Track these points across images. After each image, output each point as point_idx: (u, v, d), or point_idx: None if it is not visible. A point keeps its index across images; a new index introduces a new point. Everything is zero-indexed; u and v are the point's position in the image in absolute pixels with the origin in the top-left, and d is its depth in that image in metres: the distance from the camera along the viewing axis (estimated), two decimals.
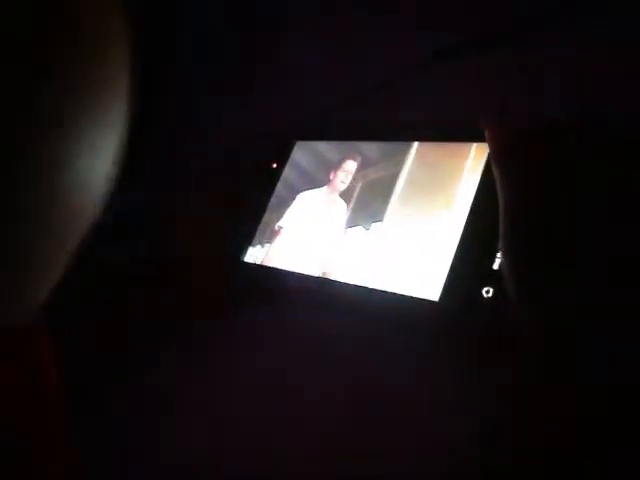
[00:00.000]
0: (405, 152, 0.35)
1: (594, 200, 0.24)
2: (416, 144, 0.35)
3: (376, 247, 0.34)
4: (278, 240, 0.38)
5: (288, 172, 0.40)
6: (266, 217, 0.39)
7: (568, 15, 0.27)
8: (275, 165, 0.40)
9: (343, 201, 0.37)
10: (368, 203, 0.36)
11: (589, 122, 0.25)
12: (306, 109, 0.40)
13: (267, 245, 0.38)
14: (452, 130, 0.33)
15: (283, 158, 0.40)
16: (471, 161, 0.32)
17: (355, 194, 0.37)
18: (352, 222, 0.36)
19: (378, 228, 0.34)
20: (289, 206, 0.39)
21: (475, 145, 0.32)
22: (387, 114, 0.35)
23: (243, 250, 0.39)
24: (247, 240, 0.39)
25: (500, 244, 0.27)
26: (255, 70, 0.43)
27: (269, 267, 0.37)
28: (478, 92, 0.30)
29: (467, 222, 0.31)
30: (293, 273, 0.36)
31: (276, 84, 0.42)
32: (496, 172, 0.27)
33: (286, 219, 0.39)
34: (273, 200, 0.40)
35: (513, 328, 0.27)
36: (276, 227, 0.39)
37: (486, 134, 0.28)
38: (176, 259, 0.41)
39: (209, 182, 0.43)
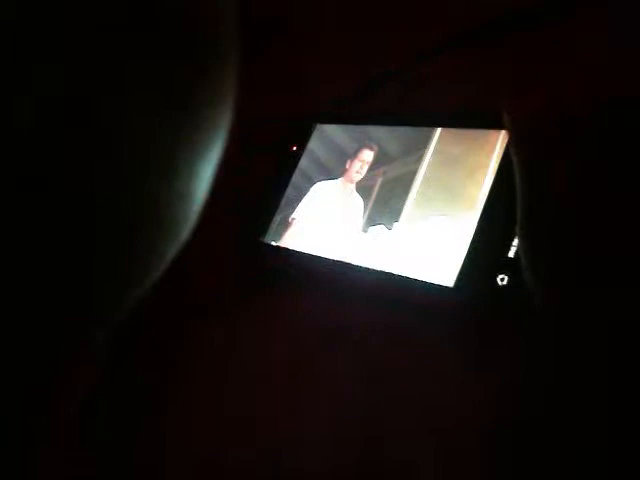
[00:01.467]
0: (426, 143, 0.35)
1: (613, 188, 0.24)
2: (438, 133, 0.35)
3: (393, 232, 0.34)
4: (293, 228, 0.39)
5: (304, 161, 0.40)
6: (284, 201, 0.40)
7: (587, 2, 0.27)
8: (295, 148, 0.41)
9: (360, 197, 0.37)
10: (389, 200, 0.36)
11: (609, 108, 0.25)
12: (326, 93, 0.40)
13: (284, 229, 0.39)
14: (476, 116, 0.33)
15: (302, 141, 0.41)
16: (498, 152, 0.32)
17: (375, 191, 0.37)
18: (373, 220, 0.36)
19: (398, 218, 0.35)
20: (305, 195, 0.39)
21: (503, 133, 0.32)
22: (408, 99, 0.35)
23: (262, 232, 0.39)
24: (266, 222, 0.39)
25: (517, 231, 0.27)
26: (275, 54, 0.43)
27: (287, 248, 0.38)
28: (499, 77, 0.30)
29: (484, 209, 0.31)
30: (310, 255, 0.36)
31: (296, 67, 0.42)
32: (515, 159, 0.27)
33: (302, 209, 0.39)
34: (290, 185, 0.40)
35: (527, 316, 0.27)
36: (290, 218, 0.39)
37: (505, 120, 0.28)
38: (194, 241, 0.41)
39: (228, 165, 0.44)
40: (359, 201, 0.37)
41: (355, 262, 0.34)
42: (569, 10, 0.29)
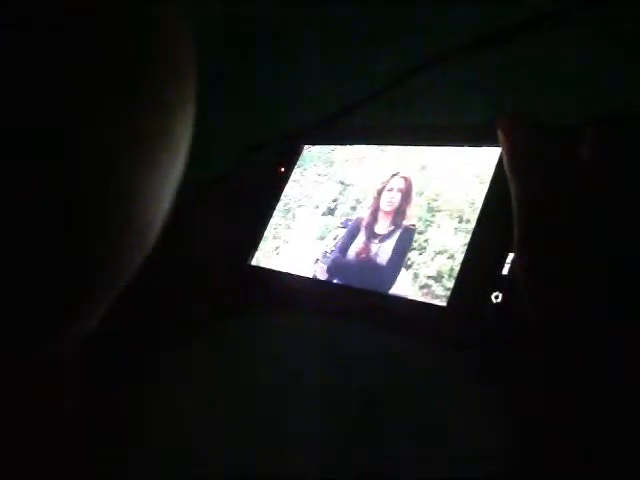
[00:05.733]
0: (416, 162, 0.35)
1: (610, 202, 0.24)
2: (429, 151, 0.34)
3: (384, 251, 0.33)
4: (281, 249, 0.38)
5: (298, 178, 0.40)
6: (273, 221, 0.39)
7: (580, 11, 0.27)
8: (283, 169, 0.40)
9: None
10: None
11: (603, 123, 0.25)
12: (315, 113, 0.40)
13: (273, 249, 0.38)
14: (467, 133, 0.33)
15: (291, 162, 0.40)
16: (490, 169, 0.31)
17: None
18: (362, 239, 0.35)
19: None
20: (292, 216, 0.39)
21: (494, 150, 0.31)
22: (397, 117, 0.35)
23: (249, 254, 0.39)
24: (253, 244, 0.39)
25: (514, 248, 0.26)
26: (262, 74, 0.44)
27: (274, 270, 0.37)
28: (489, 93, 0.30)
29: (476, 226, 0.30)
30: (299, 276, 0.36)
31: (284, 88, 0.42)
32: (510, 175, 0.27)
33: (289, 230, 0.38)
34: (281, 203, 0.40)
35: (523, 333, 0.27)
36: (278, 240, 0.38)
37: (499, 136, 0.28)
38: (182, 262, 0.40)
39: (217, 186, 0.43)
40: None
41: (346, 283, 0.33)
42: (556, 25, 0.29)
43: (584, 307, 0.24)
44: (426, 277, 0.31)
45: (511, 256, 0.29)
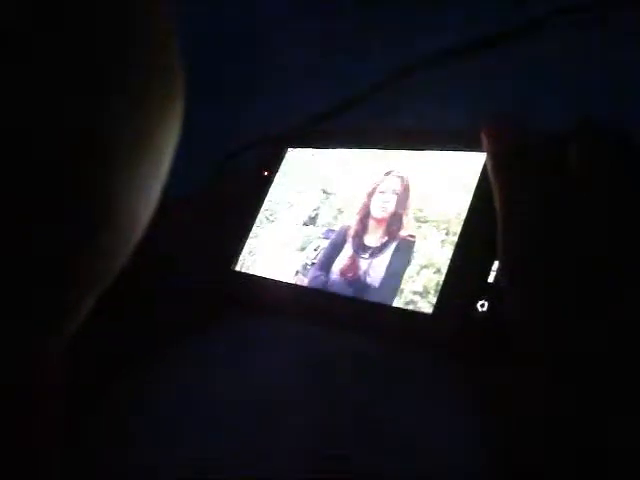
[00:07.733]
0: (401, 166, 0.34)
1: (594, 207, 0.24)
2: (414, 156, 0.34)
3: (376, 268, 0.33)
4: (268, 249, 0.37)
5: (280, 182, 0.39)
6: (256, 227, 0.39)
7: (566, 20, 0.27)
8: (266, 173, 0.40)
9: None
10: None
11: (588, 132, 0.25)
12: (299, 116, 0.40)
13: (257, 254, 0.37)
14: (451, 138, 0.32)
15: (274, 166, 0.40)
16: (475, 175, 0.30)
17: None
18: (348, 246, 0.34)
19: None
20: (279, 216, 0.38)
21: (479, 155, 0.30)
22: (385, 121, 0.35)
23: (233, 259, 0.38)
24: (237, 249, 0.38)
25: (498, 255, 0.26)
26: (246, 76, 0.43)
27: (258, 276, 0.36)
28: (476, 99, 0.30)
29: (462, 233, 0.30)
30: (283, 283, 0.35)
31: (268, 90, 0.42)
32: (494, 181, 0.27)
33: (273, 235, 0.38)
34: (264, 208, 0.39)
35: (508, 342, 0.27)
36: (263, 239, 0.38)
37: (484, 142, 0.28)
38: (165, 268, 0.40)
39: (200, 190, 0.43)
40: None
41: (329, 290, 0.33)
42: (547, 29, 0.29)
43: (566, 309, 0.24)
44: (412, 292, 0.30)
45: (497, 264, 0.28)
